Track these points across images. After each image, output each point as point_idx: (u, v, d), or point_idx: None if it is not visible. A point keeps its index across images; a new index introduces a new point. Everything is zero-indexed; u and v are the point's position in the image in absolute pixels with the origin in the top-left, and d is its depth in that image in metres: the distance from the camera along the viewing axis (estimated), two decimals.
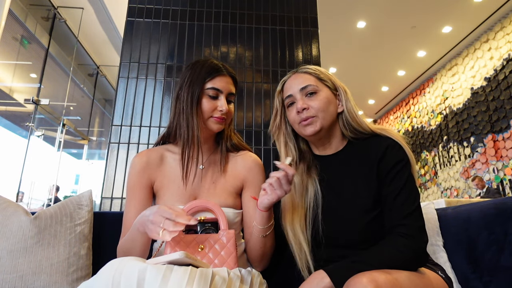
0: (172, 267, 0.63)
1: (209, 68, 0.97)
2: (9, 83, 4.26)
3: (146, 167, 0.98)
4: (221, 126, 0.97)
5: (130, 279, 0.60)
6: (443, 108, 7.26)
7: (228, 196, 0.98)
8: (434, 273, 0.81)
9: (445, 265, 1.06)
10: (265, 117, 1.91)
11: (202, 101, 0.95)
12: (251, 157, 1.04)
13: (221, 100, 0.96)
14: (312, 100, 0.91)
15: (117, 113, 1.84)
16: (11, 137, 4.90)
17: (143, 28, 1.99)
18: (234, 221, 0.95)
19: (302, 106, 0.90)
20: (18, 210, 1.04)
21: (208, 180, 0.99)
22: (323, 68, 0.98)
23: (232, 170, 1.01)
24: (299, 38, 2.07)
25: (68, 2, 4.31)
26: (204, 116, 0.96)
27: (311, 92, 0.91)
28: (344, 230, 0.86)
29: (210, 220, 0.88)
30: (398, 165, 0.84)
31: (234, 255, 0.82)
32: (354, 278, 0.66)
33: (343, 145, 0.96)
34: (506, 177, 5.55)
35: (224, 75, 0.98)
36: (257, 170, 1.02)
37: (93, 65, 5.67)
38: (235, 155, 1.04)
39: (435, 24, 5.90)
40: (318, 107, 0.90)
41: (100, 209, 1.72)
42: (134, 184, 0.97)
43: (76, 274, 1.00)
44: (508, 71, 5.54)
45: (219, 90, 0.96)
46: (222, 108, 0.95)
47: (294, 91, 0.93)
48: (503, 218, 0.96)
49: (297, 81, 0.94)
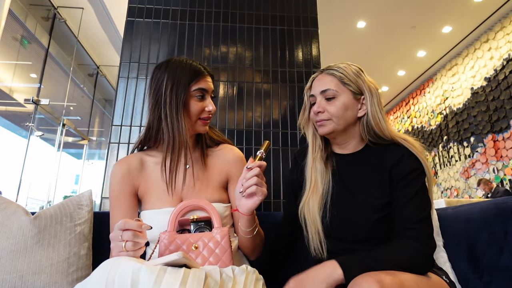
0: (166, 268, 0.63)
1: (193, 71, 0.98)
2: (9, 83, 4.25)
3: (127, 174, 0.98)
4: (207, 127, 1.01)
5: (124, 279, 0.59)
6: (443, 108, 7.26)
7: (214, 192, 0.99)
8: (438, 278, 0.81)
9: (445, 265, 1.06)
10: (265, 117, 1.91)
11: (189, 103, 0.96)
12: (232, 150, 1.06)
13: (208, 100, 0.99)
14: (329, 105, 0.94)
15: (117, 113, 1.84)
16: (11, 137, 4.90)
17: (143, 28, 1.99)
18: (224, 214, 0.97)
19: (317, 109, 0.94)
20: (18, 210, 1.04)
21: (192, 178, 1.00)
22: (355, 67, 0.98)
23: (214, 164, 1.03)
24: (299, 38, 2.06)
25: (68, 2, 4.30)
26: (191, 119, 0.97)
27: (330, 97, 0.94)
28: (352, 225, 0.88)
29: (203, 219, 0.88)
30: (413, 173, 0.86)
31: (228, 252, 0.82)
32: (360, 278, 0.66)
33: (361, 147, 0.99)
34: (506, 177, 5.55)
35: (207, 75, 1.00)
36: (239, 163, 1.04)
37: (93, 65, 5.66)
38: (215, 149, 1.06)
39: (435, 24, 5.90)
40: (333, 113, 0.93)
41: (100, 209, 1.72)
42: (118, 193, 0.97)
43: (76, 274, 1.00)
44: (508, 71, 5.54)
45: (205, 90, 0.98)
46: (209, 108, 0.98)
47: (316, 92, 0.96)
48: (503, 218, 0.96)
49: (320, 82, 0.96)
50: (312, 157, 0.99)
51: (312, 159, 0.99)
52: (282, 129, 1.89)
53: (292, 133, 1.89)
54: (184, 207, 0.88)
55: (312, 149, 1.00)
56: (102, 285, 0.60)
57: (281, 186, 1.79)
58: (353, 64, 0.99)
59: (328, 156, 1.00)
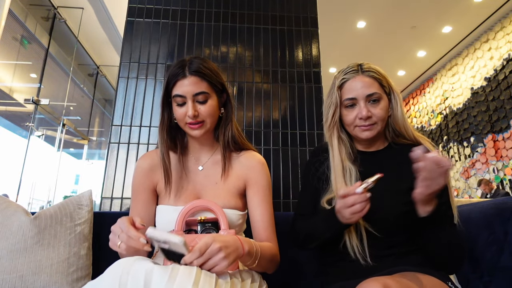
0: (179, 267, 0.64)
1: (170, 74, 0.93)
2: (9, 83, 4.25)
3: (149, 170, 0.99)
4: (199, 131, 0.92)
5: (137, 279, 0.60)
6: (443, 108, 7.26)
7: (231, 198, 0.96)
8: (443, 283, 0.80)
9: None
10: (265, 117, 1.91)
11: (174, 110, 0.94)
12: (254, 157, 1.01)
13: (187, 105, 0.91)
14: (375, 108, 0.92)
15: (117, 113, 1.84)
16: (11, 137, 4.90)
17: (143, 28, 1.99)
18: (237, 223, 0.94)
19: (367, 114, 0.91)
20: (18, 210, 1.04)
21: (210, 181, 0.99)
22: (380, 68, 0.97)
23: (235, 170, 0.99)
24: (299, 38, 2.07)
25: (68, 2, 4.30)
26: (181, 125, 0.95)
27: (375, 99, 0.92)
28: (383, 219, 0.88)
29: (210, 220, 0.88)
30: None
31: None
32: (366, 282, 0.66)
33: (384, 146, 0.99)
34: (506, 177, 5.55)
35: (184, 77, 0.90)
36: (259, 168, 0.99)
37: (93, 65, 5.66)
38: (238, 155, 1.02)
39: (435, 24, 5.90)
40: (380, 116, 0.92)
41: (100, 209, 1.72)
42: (137, 187, 0.98)
43: (76, 274, 1.00)
44: (508, 71, 5.54)
45: (182, 96, 0.90)
46: (189, 114, 0.89)
47: (359, 95, 0.92)
48: (503, 218, 0.96)
49: (363, 84, 0.93)
50: (341, 158, 0.95)
51: (341, 160, 0.94)
52: (282, 129, 1.89)
53: (292, 133, 1.89)
54: (192, 208, 0.89)
55: (339, 150, 0.96)
56: (115, 285, 0.60)
57: (281, 186, 1.79)
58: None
59: (355, 154, 0.98)
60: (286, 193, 1.78)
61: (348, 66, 0.98)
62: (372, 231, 0.87)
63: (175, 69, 0.92)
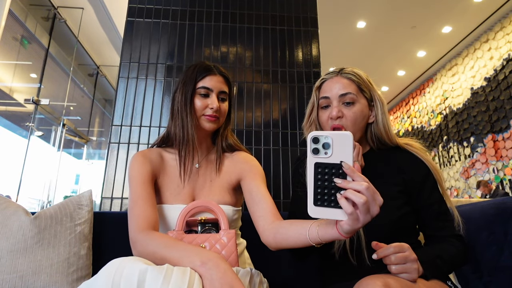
0: (173, 268, 0.63)
1: (200, 68, 1.01)
2: (9, 83, 4.25)
3: (149, 161, 0.99)
4: (214, 125, 0.99)
5: (130, 280, 0.59)
6: (443, 108, 7.26)
7: (225, 194, 0.99)
8: (443, 283, 0.80)
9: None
10: (265, 117, 1.91)
11: (194, 100, 0.99)
12: (246, 155, 1.07)
13: (212, 98, 0.99)
14: (348, 110, 0.91)
15: (117, 113, 1.84)
16: (11, 137, 4.90)
17: (143, 28, 1.99)
18: (233, 218, 0.97)
19: (337, 114, 0.91)
20: (18, 210, 1.04)
21: (205, 178, 1.02)
22: (365, 74, 0.97)
23: (228, 167, 1.04)
24: (299, 38, 2.07)
25: (68, 2, 4.30)
26: (197, 115, 0.99)
27: (349, 101, 0.91)
28: (375, 224, 0.86)
29: (211, 220, 0.89)
30: (424, 178, 0.89)
31: (235, 255, 0.83)
32: (367, 279, 0.66)
33: (365, 150, 0.98)
34: (506, 177, 5.55)
35: (215, 74, 1.01)
36: (252, 162, 1.03)
37: (93, 65, 5.66)
38: (231, 155, 1.07)
39: (435, 24, 5.90)
40: (351, 119, 0.91)
41: (100, 209, 1.72)
42: (138, 174, 0.93)
43: (76, 274, 1.00)
44: (508, 71, 5.54)
45: (209, 88, 0.99)
46: (212, 106, 0.97)
47: (333, 95, 0.93)
48: (503, 218, 0.96)
49: (338, 85, 0.93)
50: None
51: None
52: (282, 129, 1.89)
53: (292, 133, 1.89)
54: (192, 208, 0.90)
55: None
56: (108, 285, 0.59)
57: (281, 186, 1.79)
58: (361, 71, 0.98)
59: None
60: (286, 193, 1.78)
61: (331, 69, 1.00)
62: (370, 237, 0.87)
63: (205, 65, 1.02)
